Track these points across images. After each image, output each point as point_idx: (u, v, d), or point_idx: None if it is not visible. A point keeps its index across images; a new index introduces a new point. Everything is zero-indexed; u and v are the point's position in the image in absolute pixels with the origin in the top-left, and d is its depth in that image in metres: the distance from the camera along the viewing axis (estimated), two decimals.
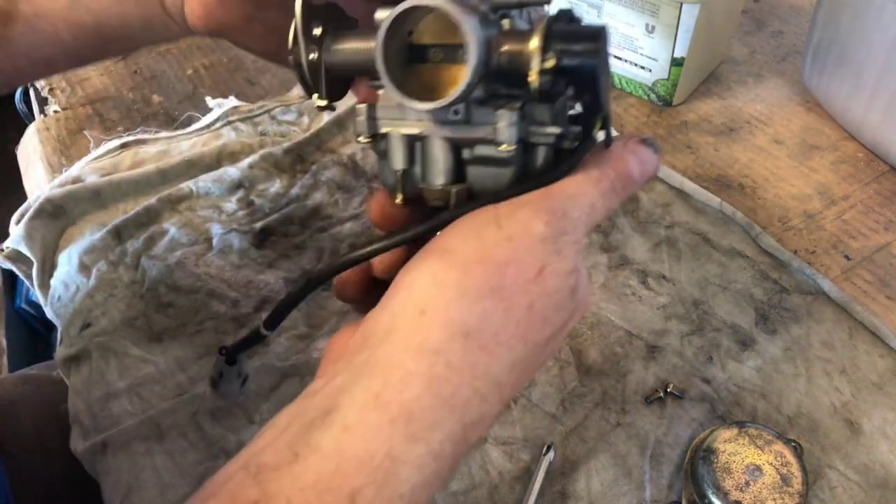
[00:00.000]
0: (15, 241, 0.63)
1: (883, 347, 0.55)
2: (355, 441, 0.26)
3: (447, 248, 0.29)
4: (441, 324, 0.27)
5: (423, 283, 0.28)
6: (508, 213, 0.29)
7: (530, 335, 0.29)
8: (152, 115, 0.77)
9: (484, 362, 0.28)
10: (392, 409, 0.26)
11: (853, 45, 0.68)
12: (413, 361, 0.27)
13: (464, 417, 0.27)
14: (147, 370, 0.54)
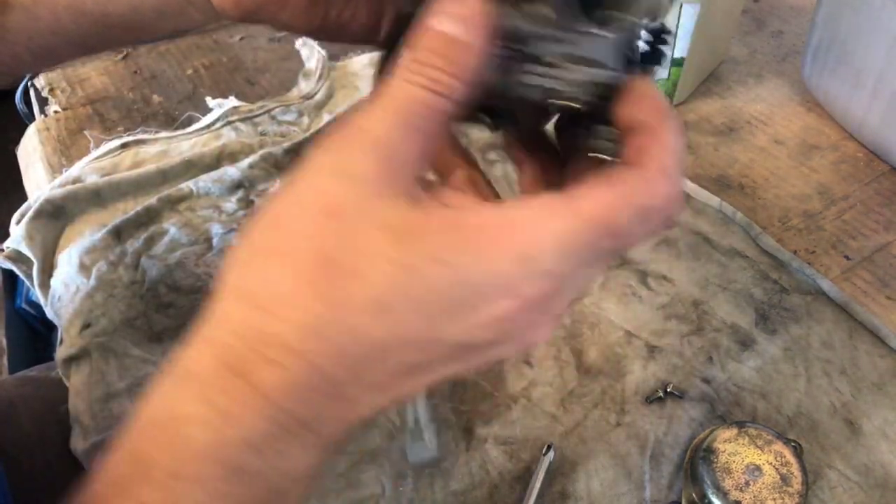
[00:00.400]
0: (15, 241, 0.63)
1: (883, 347, 0.55)
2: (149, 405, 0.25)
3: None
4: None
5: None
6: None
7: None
8: (152, 115, 0.77)
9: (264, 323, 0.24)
10: (175, 374, 0.25)
11: (853, 44, 0.68)
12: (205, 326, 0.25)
13: (254, 382, 0.23)
14: (147, 370, 0.54)
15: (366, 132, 0.24)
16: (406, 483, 0.48)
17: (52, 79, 0.82)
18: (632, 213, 0.25)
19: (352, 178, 0.24)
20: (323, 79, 0.78)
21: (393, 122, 0.24)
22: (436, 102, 0.25)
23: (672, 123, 0.27)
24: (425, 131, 0.25)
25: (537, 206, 0.24)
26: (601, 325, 0.57)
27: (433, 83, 0.25)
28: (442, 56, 0.25)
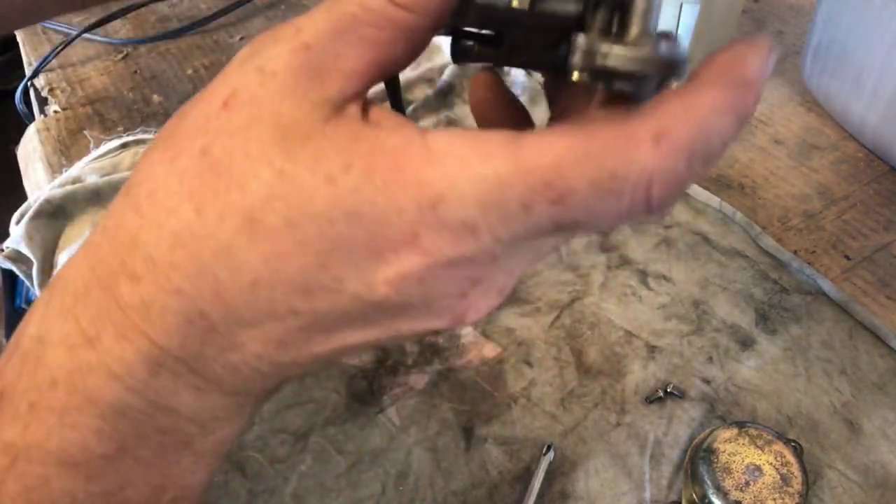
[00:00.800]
0: (15, 241, 0.63)
1: (883, 347, 0.55)
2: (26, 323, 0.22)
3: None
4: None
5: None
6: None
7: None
8: (152, 115, 0.77)
9: (136, 225, 0.20)
10: (55, 285, 0.22)
11: (853, 44, 0.68)
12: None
13: (118, 298, 0.20)
14: None
15: (297, 29, 0.21)
16: (406, 483, 0.48)
17: (52, 79, 0.82)
18: (590, 178, 0.18)
19: (261, 70, 0.20)
20: None
21: (330, 23, 0.21)
22: (389, 10, 0.21)
23: (734, 73, 0.19)
24: (372, 41, 0.21)
25: (471, 141, 0.19)
26: (601, 325, 0.57)
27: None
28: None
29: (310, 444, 0.50)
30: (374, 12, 0.21)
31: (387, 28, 0.21)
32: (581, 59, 0.22)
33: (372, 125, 0.20)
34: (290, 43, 0.21)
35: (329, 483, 0.48)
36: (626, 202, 0.19)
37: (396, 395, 0.52)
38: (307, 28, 0.21)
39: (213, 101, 0.21)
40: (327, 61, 0.21)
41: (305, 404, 0.52)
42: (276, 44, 0.21)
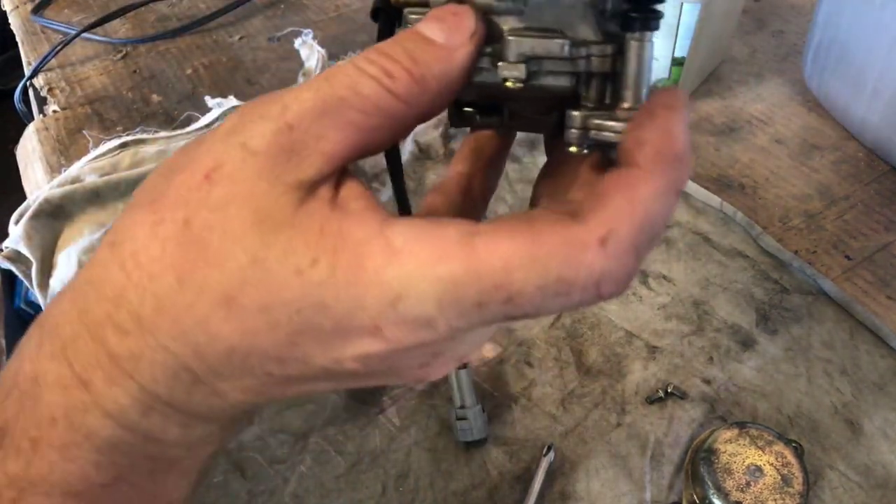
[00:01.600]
0: (14, 241, 0.63)
1: (884, 348, 0.55)
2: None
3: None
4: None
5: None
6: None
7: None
8: (151, 114, 0.77)
9: (115, 279, 0.22)
10: (44, 326, 0.23)
11: (854, 44, 0.67)
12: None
13: (107, 347, 0.22)
14: None
15: (283, 107, 0.21)
16: (406, 483, 0.48)
17: (51, 78, 0.82)
18: (538, 283, 0.20)
19: (242, 146, 0.21)
20: None
21: (317, 104, 0.21)
22: (381, 99, 0.22)
23: (663, 149, 0.21)
24: (358, 125, 0.22)
25: (429, 239, 0.20)
26: (601, 326, 0.57)
27: (385, 76, 0.22)
28: (408, 53, 0.22)
29: (309, 445, 0.50)
30: (365, 99, 0.22)
31: (375, 115, 0.22)
32: (576, 135, 0.24)
33: (339, 212, 0.21)
34: (275, 122, 0.21)
35: (329, 483, 0.48)
36: (575, 299, 0.20)
37: (396, 396, 0.52)
38: (293, 107, 0.21)
39: (197, 171, 0.21)
40: (308, 142, 0.21)
41: (305, 405, 0.52)
42: (261, 121, 0.21)
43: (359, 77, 0.22)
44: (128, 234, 0.22)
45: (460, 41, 0.23)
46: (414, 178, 0.68)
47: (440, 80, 0.22)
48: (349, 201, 0.22)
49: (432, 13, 0.23)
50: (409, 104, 0.22)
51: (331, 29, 0.88)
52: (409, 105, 0.22)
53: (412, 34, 0.23)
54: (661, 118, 0.22)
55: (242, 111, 0.22)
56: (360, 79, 0.22)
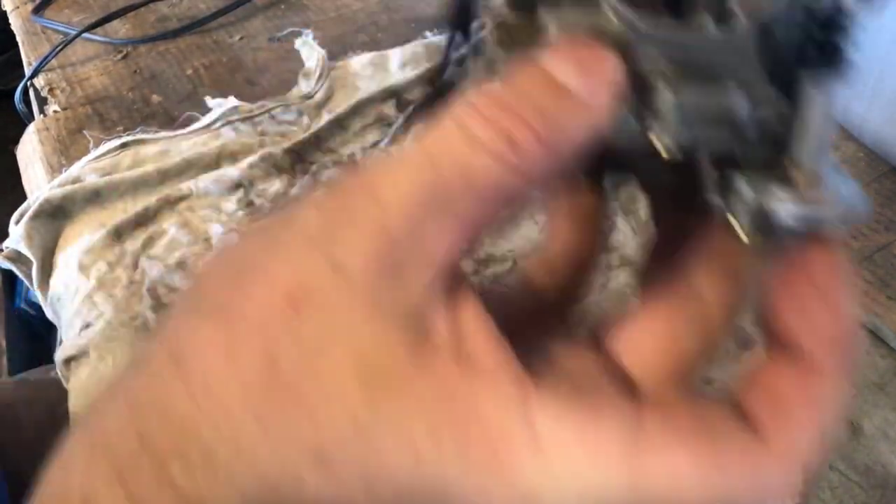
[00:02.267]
0: (14, 241, 0.63)
1: (884, 347, 0.55)
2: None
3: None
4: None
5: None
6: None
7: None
8: (152, 114, 0.77)
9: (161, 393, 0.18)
10: (95, 440, 0.20)
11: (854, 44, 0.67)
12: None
13: (171, 479, 0.18)
14: None
15: (376, 202, 0.17)
16: None
17: (52, 79, 0.82)
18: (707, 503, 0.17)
19: (334, 266, 0.17)
20: (323, 78, 0.78)
21: (417, 198, 0.17)
22: (500, 180, 0.17)
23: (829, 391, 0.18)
24: (471, 218, 0.17)
25: (583, 431, 0.16)
26: None
27: (506, 146, 0.17)
28: (536, 108, 0.17)
29: None
30: (479, 183, 0.17)
31: (491, 201, 0.17)
32: (750, 218, 0.18)
33: (466, 370, 0.17)
34: (369, 226, 0.17)
35: None
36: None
37: None
38: (391, 205, 0.17)
39: (276, 288, 0.17)
40: (413, 250, 0.17)
41: None
42: (353, 228, 0.17)
43: (471, 151, 0.17)
44: (195, 352, 0.18)
45: (601, 91, 0.17)
46: None
47: (573, 143, 0.17)
48: (475, 346, 0.17)
49: (563, 48, 0.18)
50: (531, 177, 0.17)
51: (331, 29, 0.88)
52: (533, 182, 0.17)
53: (538, 75, 0.17)
54: (829, 291, 0.18)
55: (329, 205, 0.18)
56: (472, 154, 0.17)
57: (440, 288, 0.17)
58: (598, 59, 0.17)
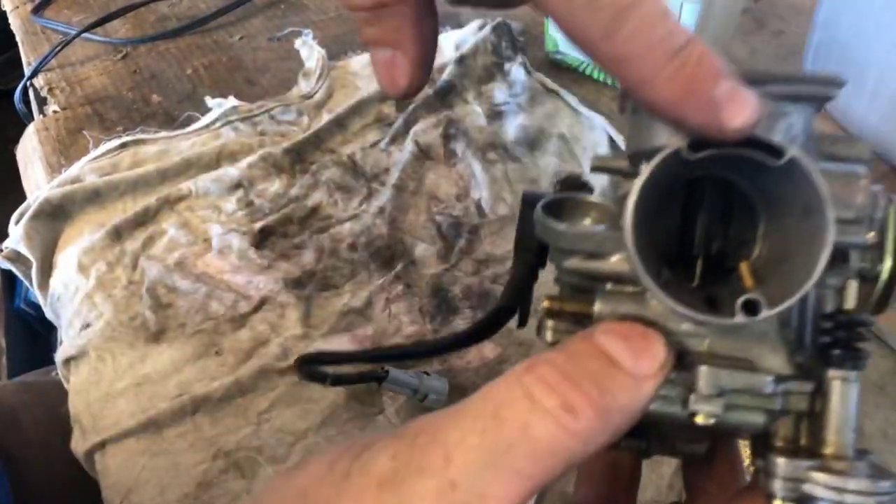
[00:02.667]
0: (14, 241, 0.63)
1: (884, 348, 0.55)
2: None
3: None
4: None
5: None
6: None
7: None
8: (151, 114, 0.77)
9: None
10: None
11: (854, 45, 0.67)
12: None
13: None
14: (146, 371, 0.54)
15: (446, 458, 0.19)
16: None
17: (52, 79, 0.82)
18: None
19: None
20: (322, 78, 0.78)
21: (481, 454, 0.19)
22: (557, 441, 0.19)
23: None
24: (528, 475, 0.19)
25: None
26: None
27: (565, 411, 0.19)
28: (593, 379, 0.19)
29: (309, 445, 0.50)
30: (538, 443, 0.19)
31: (548, 460, 0.19)
32: (784, 489, 0.21)
33: None
34: (436, 479, 0.19)
35: None
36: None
37: (396, 396, 0.52)
38: (457, 458, 0.19)
39: None
40: (472, 502, 0.19)
41: (305, 404, 0.52)
42: (421, 477, 0.19)
43: (532, 414, 0.19)
44: None
45: (650, 370, 0.20)
46: (414, 178, 0.68)
47: (624, 414, 0.20)
48: None
49: (617, 329, 0.21)
50: (588, 443, 0.19)
51: (331, 29, 0.88)
52: (587, 444, 0.19)
53: (595, 352, 0.20)
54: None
55: (401, 455, 0.19)
56: (533, 416, 0.19)
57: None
58: (648, 343, 0.20)
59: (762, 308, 0.19)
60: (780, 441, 0.22)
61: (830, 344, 0.21)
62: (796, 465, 0.21)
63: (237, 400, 0.52)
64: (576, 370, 0.20)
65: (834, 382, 0.21)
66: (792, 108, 0.21)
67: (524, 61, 0.78)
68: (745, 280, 0.21)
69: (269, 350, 0.55)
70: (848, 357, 0.21)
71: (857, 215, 0.21)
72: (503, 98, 0.75)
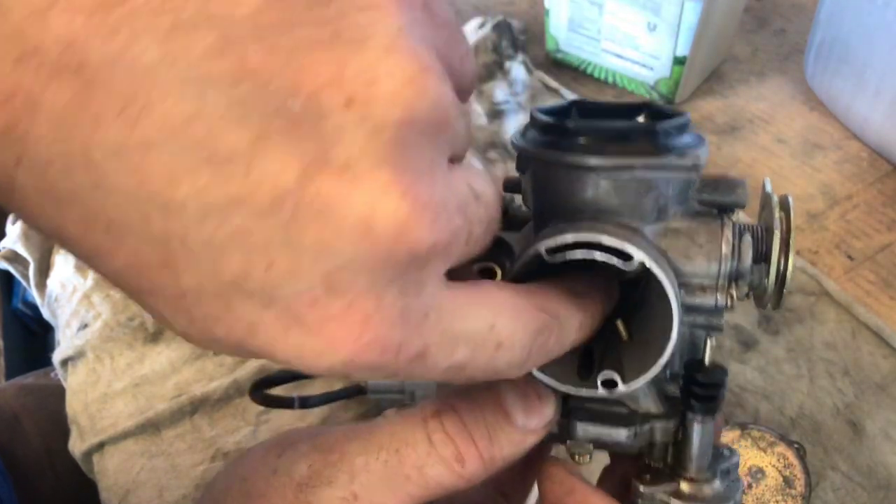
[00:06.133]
0: (12, 240, 0.62)
1: (886, 348, 0.55)
2: None
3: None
4: None
5: None
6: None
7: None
8: None
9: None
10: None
11: (856, 43, 0.67)
12: None
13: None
14: (144, 371, 0.54)
15: (350, 475, 0.23)
16: None
17: None
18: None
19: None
20: None
21: (381, 478, 0.23)
22: (445, 480, 0.23)
23: None
24: (418, 498, 0.23)
25: None
26: None
27: (456, 461, 0.23)
28: (486, 431, 0.23)
29: None
30: (429, 480, 0.23)
31: (435, 491, 0.23)
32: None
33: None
34: (342, 489, 0.23)
35: None
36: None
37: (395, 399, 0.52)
38: (361, 478, 0.23)
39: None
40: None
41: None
42: (329, 488, 0.23)
43: (429, 457, 0.23)
44: None
45: (535, 427, 0.24)
46: None
47: (506, 460, 0.24)
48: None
49: (520, 386, 0.24)
50: (471, 481, 0.23)
51: None
52: (470, 482, 0.23)
53: (494, 404, 0.24)
54: None
55: (315, 466, 0.23)
56: (429, 459, 0.23)
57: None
58: (542, 406, 0.24)
59: (618, 385, 0.23)
60: (653, 461, 0.26)
61: (690, 393, 0.25)
62: (654, 489, 0.25)
63: (236, 401, 0.52)
64: (474, 422, 0.23)
65: (694, 425, 0.25)
66: (661, 180, 0.23)
67: (525, 60, 0.78)
68: (622, 334, 0.25)
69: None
70: (704, 408, 0.25)
71: (709, 283, 0.24)
72: (503, 97, 0.75)
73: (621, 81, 0.78)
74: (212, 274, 0.14)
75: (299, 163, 0.14)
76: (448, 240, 0.16)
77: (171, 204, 0.14)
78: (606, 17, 0.73)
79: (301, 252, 0.14)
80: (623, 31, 0.72)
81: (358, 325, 0.15)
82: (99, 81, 0.13)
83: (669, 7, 0.67)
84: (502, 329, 0.18)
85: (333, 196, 0.14)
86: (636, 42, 0.72)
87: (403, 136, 0.15)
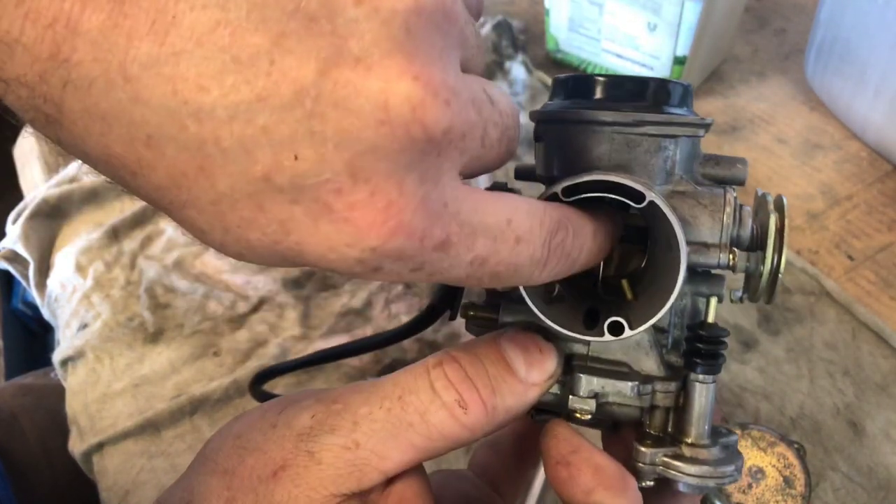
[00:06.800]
0: (11, 241, 0.62)
1: (886, 348, 0.55)
2: None
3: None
4: None
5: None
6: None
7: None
8: None
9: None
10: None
11: (857, 43, 0.67)
12: None
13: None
14: (143, 371, 0.54)
15: (353, 423, 0.23)
16: None
17: None
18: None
19: (310, 454, 0.23)
20: None
21: (384, 426, 0.23)
22: (448, 428, 0.23)
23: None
24: (421, 448, 0.23)
25: None
26: None
27: (458, 407, 0.23)
28: (489, 380, 0.23)
29: None
30: (432, 427, 0.23)
31: (439, 440, 0.23)
32: (645, 472, 0.25)
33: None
34: (344, 437, 0.23)
35: None
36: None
37: None
38: (363, 426, 0.23)
39: (267, 464, 0.23)
40: (371, 461, 0.23)
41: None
42: (331, 434, 0.23)
43: (432, 403, 0.23)
44: (204, 499, 0.23)
45: (538, 380, 0.24)
46: None
47: (510, 412, 0.24)
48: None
49: (519, 339, 0.24)
50: (474, 432, 0.23)
51: None
52: (474, 433, 0.23)
53: (496, 356, 0.24)
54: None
55: (318, 416, 0.23)
56: (432, 406, 0.23)
57: (384, 483, 0.23)
58: (543, 357, 0.24)
59: (624, 329, 0.23)
60: (653, 429, 0.26)
61: (692, 352, 0.25)
62: (655, 451, 0.25)
63: (236, 401, 0.52)
64: (476, 371, 0.23)
65: (695, 385, 0.25)
66: (670, 143, 0.25)
67: (525, 59, 0.78)
68: (627, 294, 0.26)
69: (268, 351, 0.55)
70: (706, 365, 0.25)
71: (712, 241, 0.25)
72: None
73: None
74: (244, 173, 0.16)
75: (316, 58, 0.15)
76: (462, 129, 0.17)
77: (203, 109, 0.15)
78: (606, 17, 0.73)
79: (324, 142, 0.15)
80: (623, 31, 0.72)
81: (382, 211, 0.16)
82: (129, 1, 0.15)
83: (669, 7, 0.67)
84: (519, 224, 0.19)
85: (350, 86, 0.15)
86: (636, 42, 0.72)
87: (413, 24, 0.16)
